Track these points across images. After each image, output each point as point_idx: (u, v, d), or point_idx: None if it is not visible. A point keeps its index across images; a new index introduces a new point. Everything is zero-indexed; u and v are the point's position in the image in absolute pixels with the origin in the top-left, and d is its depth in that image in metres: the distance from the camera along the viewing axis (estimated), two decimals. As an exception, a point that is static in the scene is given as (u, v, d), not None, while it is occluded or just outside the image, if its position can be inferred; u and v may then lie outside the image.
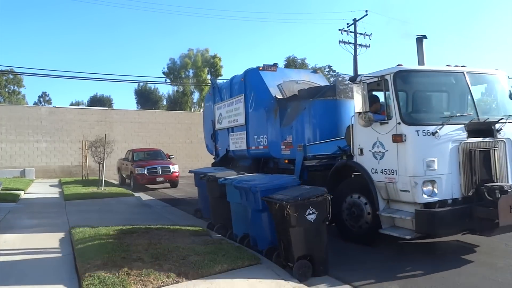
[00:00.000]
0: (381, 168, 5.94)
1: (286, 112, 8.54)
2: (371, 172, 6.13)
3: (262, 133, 9.26)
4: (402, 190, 5.63)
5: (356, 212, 6.41)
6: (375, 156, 6.07)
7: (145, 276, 4.49)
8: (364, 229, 6.33)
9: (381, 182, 5.95)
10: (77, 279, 4.70)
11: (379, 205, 5.95)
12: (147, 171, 15.89)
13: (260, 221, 5.74)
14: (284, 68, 9.85)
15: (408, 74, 6.00)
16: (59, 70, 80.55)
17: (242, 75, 10.16)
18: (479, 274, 4.98)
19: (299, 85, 9.41)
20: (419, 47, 6.66)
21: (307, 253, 4.86)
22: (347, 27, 26.19)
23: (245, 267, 5.00)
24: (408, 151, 5.54)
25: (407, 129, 5.56)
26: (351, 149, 6.58)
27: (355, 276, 4.94)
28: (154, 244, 5.86)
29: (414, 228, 5.47)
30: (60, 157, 22.22)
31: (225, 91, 11.27)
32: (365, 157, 6.27)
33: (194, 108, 42.57)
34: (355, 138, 6.48)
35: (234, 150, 10.70)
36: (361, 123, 6.18)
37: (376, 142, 6.03)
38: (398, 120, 5.65)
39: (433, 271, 5.13)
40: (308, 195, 4.87)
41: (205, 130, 13.04)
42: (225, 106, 11.11)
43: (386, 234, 5.83)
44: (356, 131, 6.46)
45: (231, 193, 6.37)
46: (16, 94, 47.81)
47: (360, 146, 6.37)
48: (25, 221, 8.56)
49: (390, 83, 5.84)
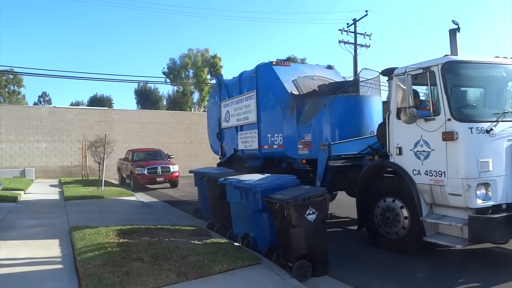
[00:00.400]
0: (426, 169, 5.42)
1: (303, 109, 8.09)
2: (412, 173, 5.61)
3: (276, 131, 8.77)
4: (452, 193, 5.10)
5: (391, 217, 5.94)
6: (417, 156, 5.54)
7: (145, 276, 4.49)
8: (401, 236, 5.85)
9: (425, 185, 5.43)
10: (77, 279, 4.69)
11: (422, 210, 5.42)
12: (147, 171, 15.89)
13: (260, 221, 5.74)
14: (297, 64, 9.50)
15: (457, 65, 5.46)
16: (59, 70, 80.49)
17: (253, 70, 9.65)
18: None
19: (314, 81, 8.96)
20: (453, 40, 6.06)
21: (307, 253, 4.85)
22: (347, 27, 26.21)
23: (245, 267, 5.00)
24: (460, 150, 5.02)
25: (459, 126, 5.05)
26: (387, 148, 6.09)
27: (355, 276, 4.94)
28: (154, 244, 5.86)
29: (463, 235, 5.01)
30: (60, 157, 22.22)
31: (233, 88, 10.72)
32: (404, 157, 5.76)
33: (194, 108, 42.56)
34: (392, 136, 5.97)
35: (243, 150, 10.20)
36: (403, 120, 5.60)
37: (419, 140, 5.51)
38: (447, 116, 5.14)
39: (433, 271, 5.13)
40: (308, 195, 4.86)
41: (209, 129, 12.56)
42: (233, 103, 10.58)
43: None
44: (393, 129, 5.95)
45: (231, 193, 6.37)
46: (16, 94, 47.81)
47: (398, 145, 5.86)
48: (25, 221, 8.55)
49: (437, 75, 5.31)
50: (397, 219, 5.87)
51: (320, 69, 9.86)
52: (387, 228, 6.04)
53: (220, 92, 11.48)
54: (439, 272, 5.08)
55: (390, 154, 6.03)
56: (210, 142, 12.43)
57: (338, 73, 10.37)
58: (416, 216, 5.55)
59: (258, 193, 5.51)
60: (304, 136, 8.00)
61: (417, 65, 5.58)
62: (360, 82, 7.70)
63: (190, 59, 39.71)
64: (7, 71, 35.44)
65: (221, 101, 11.27)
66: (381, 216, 6.09)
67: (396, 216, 5.88)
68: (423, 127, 5.45)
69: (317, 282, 4.72)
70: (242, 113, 10.13)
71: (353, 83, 7.85)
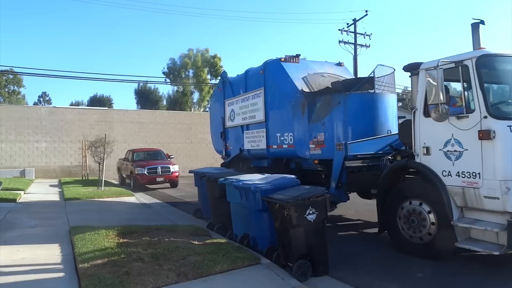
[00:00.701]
0: (457, 171, 5.08)
1: (315, 107, 7.79)
2: (442, 175, 5.27)
3: (286, 130, 8.44)
4: (488, 196, 4.79)
5: (416, 221, 5.58)
6: (448, 156, 5.20)
7: (145, 276, 4.49)
8: (426, 241, 5.51)
9: (457, 187, 5.09)
10: (77, 279, 4.69)
11: (453, 214, 5.12)
12: (147, 171, 15.89)
13: (260, 221, 5.74)
14: (306, 60, 9.15)
15: (493, 59, 5.16)
16: (59, 70, 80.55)
17: (260, 67, 9.32)
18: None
19: (325, 78, 8.68)
20: (475, 34, 5.74)
21: (307, 253, 4.85)
22: (347, 27, 26.22)
23: (245, 267, 4.99)
24: (497, 150, 4.72)
25: (497, 124, 4.75)
26: (413, 148, 5.76)
27: (355, 276, 4.93)
28: (154, 244, 5.86)
29: (499, 241, 4.74)
30: (60, 157, 22.22)
31: (238, 86, 10.36)
32: (433, 157, 5.41)
33: (194, 108, 42.57)
34: (418, 135, 5.62)
35: (250, 150, 9.86)
36: (433, 117, 5.22)
37: (450, 139, 5.16)
38: (483, 113, 4.82)
39: (433, 271, 5.12)
40: (308, 195, 4.86)
41: (212, 128, 12.14)
42: (238, 101, 10.23)
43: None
44: (419, 127, 5.61)
45: (231, 193, 6.37)
46: (16, 94, 47.85)
47: (425, 145, 5.51)
48: (25, 221, 8.55)
49: (471, 70, 5.00)
50: (423, 223, 5.51)
51: (330, 66, 9.57)
52: (410, 232, 5.70)
53: (224, 90, 11.10)
54: (439, 272, 5.08)
55: (416, 154, 5.68)
56: (213, 141, 12.08)
57: (347, 70, 10.08)
58: (442, 220, 5.26)
59: (258, 193, 5.51)
60: (317, 135, 7.70)
61: (449, 58, 5.26)
62: (376, 78, 7.43)
63: (190, 59, 39.74)
64: (7, 71, 35.47)
65: (225, 100, 10.94)
66: (405, 219, 5.77)
67: (423, 221, 5.52)
68: (456, 125, 5.08)
69: (317, 282, 4.72)
70: (248, 111, 9.79)
71: (368, 79, 7.54)
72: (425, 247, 5.51)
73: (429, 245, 5.46)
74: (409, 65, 6.02)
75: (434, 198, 5.38)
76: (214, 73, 40.29)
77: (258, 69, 9.39)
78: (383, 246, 6.23)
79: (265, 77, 9.01)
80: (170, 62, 40.73)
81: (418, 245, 5.60)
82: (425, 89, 5.38)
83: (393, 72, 7.83)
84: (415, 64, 5.88)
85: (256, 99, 9.37)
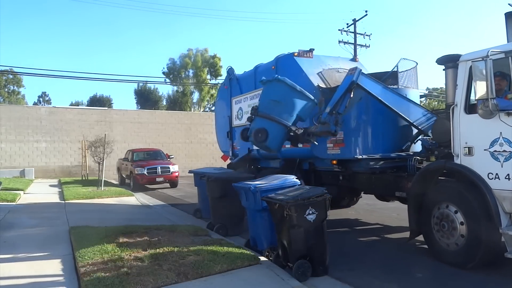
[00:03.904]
0: (507, 173, 4.62)
1: None
2: (487, 177, 4.81)
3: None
4: None
5: (446, 226, 5.24)
6: (495, 156, 4.74)
7: (145, 276, 4.49)
8: (461, 248, 5.09)
9: (506, 191, 4.63)
10: (76, 279, 4.69)
11: (501, 221, 4.67)
12: (147, 171, 15.89)
13: (260, 221, 5.74)
14: (320, 55, 8.70)
15: None
16: (59, 70, 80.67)
17: (272, 62, 8.89)
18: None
19: (340, 73, 8.20)
20: (509, 24, 5.40)
21: (306, 253, 4.85)
22: (346, 27, 26.24)
23: (245, 267, 4.99)
24: None
25: None
26: (452, 147, 5.27)
27: (355, 276, 4.94)
28: (153, 244, 5.86)
29: None
30: (60, 157, 22.23)
31: (247, 82, 9.87)
32: (476, 158, 4.94)
33: (194, 108, 42.58)
34: (458, 133, 5.15)
35: (259, 150, 9.21)
36: (480, 114, 4.76)
37: (498, 138, 4.70)
38: None
39: (433, 271, 5.13)
40: (308, 195, 4.86)
41: (217, 128, 11.59)
42: (246, 99, 9.75)
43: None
44: (460, 125, 5.13)
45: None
46: (16, 94, 47.82)
47: (467, 144, 5.03)
48: (24, 221, 8.54)
49: None
50: (455, 228, 5.15)
51: (344, 61, 9.17)
52: (444, 239, 5.30)
53: (231, 87, 10.60)
54: (439, 272, 5.08)
55: (455, 154, 5.19)
56: (219, 142, 11.52)
57: (363, 65, 9.63)
58: (486, 228, 4.80)
59: (258, 193, 5.51)
60: None
61: (498, 48, 4.78)
62: (399, 73, 7.10)
63: (190, 59, 39.74)
64: (6, 71, 35.46)
65: (232, 97, 10.47)
66: (439, 225, 5.35)
67: (454, 225, 5.16)
68: (506, 122, 4.60)
69: (317, 282, 4.71)
70: None
71: (391, 74, 7.17)
72: (459, 255, 5.10)
73: (463, 253, 5.05)
74: (444, 57, 5.62)
75: (467, 202, 4.99)
76: (214, 73, 40.32)
77: (269, 65, 8.97)
78: (383, 246, 6.24)
79: (277, 73, 8.50)
80: (169, 62, 40.77)
81: (453, 252, 5.17)
82: (467, 83, 4.97)
83: (415, 66, 7.55)
84: (452, 56, 5.51)
85: None
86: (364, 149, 6.93)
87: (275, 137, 6.39)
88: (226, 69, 10.66)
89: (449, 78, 5.59)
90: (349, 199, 9.58)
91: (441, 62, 5.67)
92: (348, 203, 9.71)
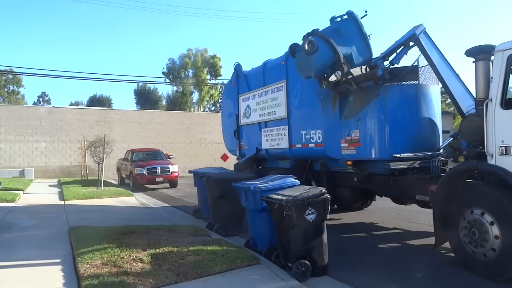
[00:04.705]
0: None
1: (347, 101, 6.97)
2: None
3: (313, 127, 7.65)
4: None
5: (477, 233, 4.74)
6: None
7: (145, 276, 4.49)
8: (491, 258, 4.63)
9: None
10: (76, 279, 4.69)
11: None
12: (147, 171, 15.90)
13: (259, 221, 5.74)
14: None
15: None
16: (58, 70, 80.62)
17: (282, 57, 8.49)
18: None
19: (355, 69, 8.17)
20: None
21: (306, 253, 4.85)
22: (346, 27, 26.18)
23: (245, 267, 4.99)
24: None
25: None
26: (485, 147, 4.85)
27: (355, 276, 4.94)
28: (153, 244, 5.86)
29: None
30: (60, 157, 22.23)
31: (255, 79, 9.55)
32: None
33: (194, 108, 42.58)
34: (493, 131, 4.70)
35: (268, 149, 9.09)
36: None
37: None
38: None
39: (434, 273, 5.13)
40: (308, 195, 4.86)
41: (223, 127, 11.32)
42: (255, 96, 9.45)
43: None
44: (495, 122, 4.69)
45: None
46: (16, 94, 47.84)
47: (504, 143, 4.58)
48: (24, 221, 8.54)
49: None
50: (486, 238, 4.66)
51: None
52: (473, 247, 4.85)
53: (238, 84, 10.25)
54: (439, 273, 5.09)
55: (489, 154, 4.76)
56: (225, 141, 11.22)
57: None
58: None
59: (258, 193, 5.51)
60: (350, 132, 6.82)
61: None
62: (420, 67, 6.67)
63: (189, 59, 39.74)
64: (6, 71, 35.43)
65: (240, 95, 10.16)
66: (467, 230, 4.91)
67: (486, 234, 4.66)
68: None
69: (317, 282, 4.71)
70: (267, 107, 9.00)
71: (411, 69, 6.68)
72: (489, 265, 4.66)
73: (493, 264, 4.62)
74: (474, 48, 5.21)
75: (502, 208, 4.54)
76: (214, 73, 40.33)
77: (279, 60, 8.61)
78: (383, 246, 6.24)
79: (288, 68, 8.17)
80: (169, 62, 40.79)
81: (483, 262, 4.73)
82: (504, 75, 4.58)
83: None
84: (483, 46, 5.11)
85: (277, 93, 8.57)
86: (381, 149, 6.46)
87: (321, 56, 6.18)
88: (233, 66, 10.41)
89: (480, 70, 5.19)
90: (363, 202, 9.02)
91: (471, 54, 5.26)
92: (360, 206, 9.25)
